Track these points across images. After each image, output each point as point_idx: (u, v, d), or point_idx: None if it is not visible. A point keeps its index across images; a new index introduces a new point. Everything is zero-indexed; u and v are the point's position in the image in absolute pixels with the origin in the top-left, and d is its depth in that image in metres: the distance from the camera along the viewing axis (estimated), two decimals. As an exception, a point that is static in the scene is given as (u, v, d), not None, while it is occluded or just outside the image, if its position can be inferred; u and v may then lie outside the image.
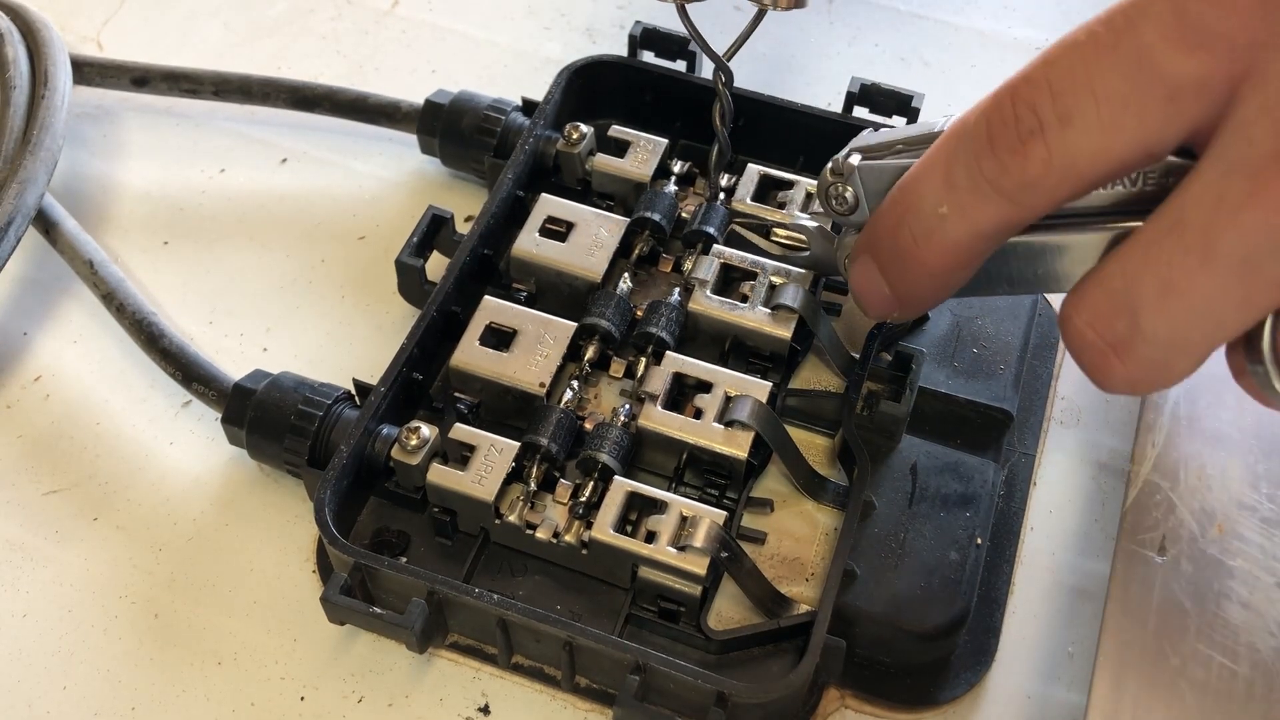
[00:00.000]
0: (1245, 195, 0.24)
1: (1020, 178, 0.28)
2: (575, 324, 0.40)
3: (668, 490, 0.38)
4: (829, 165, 0.36)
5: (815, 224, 0.39)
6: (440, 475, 0.37)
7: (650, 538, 0.36)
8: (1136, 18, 0.25)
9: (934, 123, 0.33)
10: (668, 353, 0.40)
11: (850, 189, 0.35)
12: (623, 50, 0.48)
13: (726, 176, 0.44)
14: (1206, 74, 0.25)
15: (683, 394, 0.39)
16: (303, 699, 0.37)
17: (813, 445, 0.41)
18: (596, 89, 0.47)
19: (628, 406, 0.39)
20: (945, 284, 0.32)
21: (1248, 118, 0.24)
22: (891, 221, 0.32)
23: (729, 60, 0.41)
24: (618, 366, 0.41)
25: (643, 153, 0.44)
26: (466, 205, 0.46)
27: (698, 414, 0.38)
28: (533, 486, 0.37)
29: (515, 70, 0.52)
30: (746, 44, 0.41)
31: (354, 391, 0.40)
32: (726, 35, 0.41)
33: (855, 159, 0.35)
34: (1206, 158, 0.25)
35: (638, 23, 0.47)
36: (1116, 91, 0.26)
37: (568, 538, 0.37)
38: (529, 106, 0.46)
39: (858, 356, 0.40)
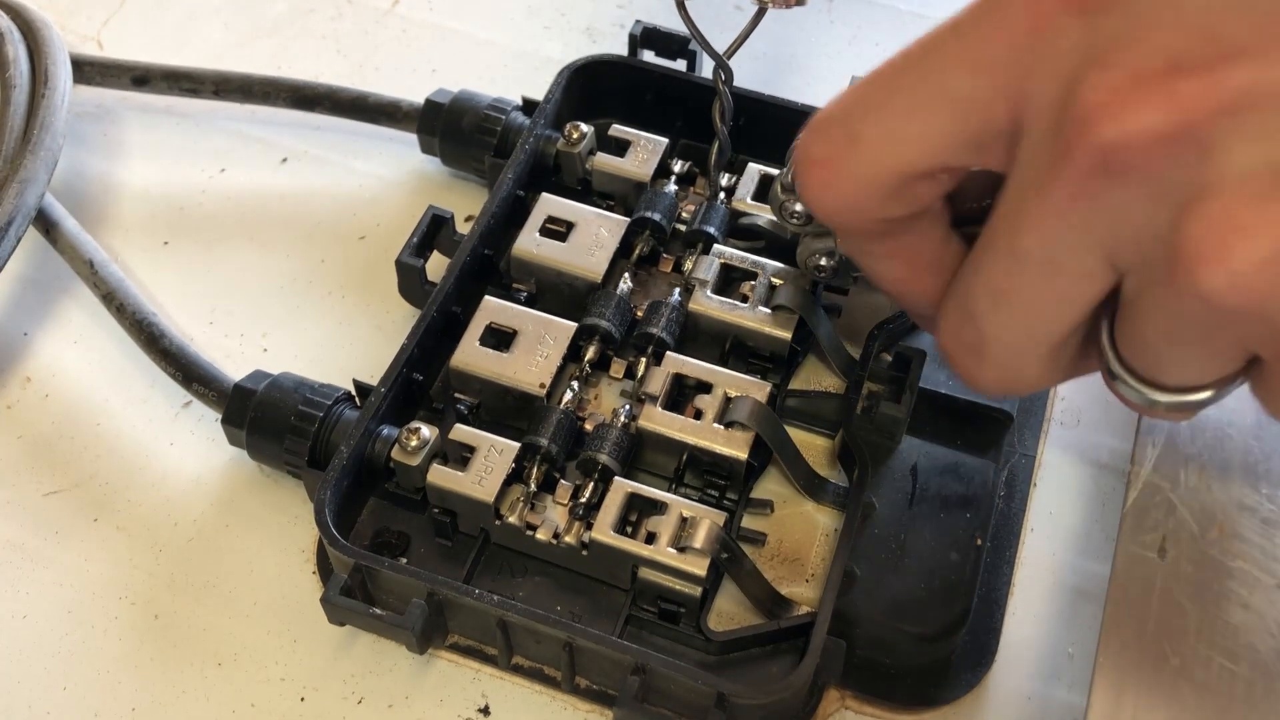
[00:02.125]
0: (1035, 204, 0.27)
1: (819, 205, 0.30)
2: (575, 324, 0.40)
3: (668, 491, 0.38)
4: (777, 183, 0.37)
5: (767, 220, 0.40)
6: (440, 476, 0.37)
7: (650, 539, 0.36)
8: (932, 46, 0.28)
9: None
10: (668, 353, 0.40)
11: (800, 203, 0.36)
12: (623, 50, 0.48)
13: (727, 176, 0.44)
14: (988, 94, 0.27)
15: (683, 394, 0.39)
16: (303, 700, 0.37)
17: (813, 446, 0.40)
18: (597, 88, 0.47)
19: (628, 407, 0.39)
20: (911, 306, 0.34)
21: (1035, 140, 0.27)
22: None
23: (729, 58, 0.41)
24: (618, 367, 0.41)
25: (643, 152, 0.44)
26: (467, 205, 0.46)
27: (698, 414, 0.38)
28: (533, 487, 0.37)
29: (515, 70, 0.52)
30: (747, 43, 0.41)
31: (354, 392, 0.40)
32: (727, 34, 0.41)
33: None
34: (1008, 177, 0.28)
35: (638, 22, 0.47)
36: (903, 106, 0.28)
37: (568, 539, 0.37)
38: (529, 106, 0.46)
39: (858, 357, 0.40)
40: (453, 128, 0.46)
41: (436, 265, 0.42)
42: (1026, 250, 0.27)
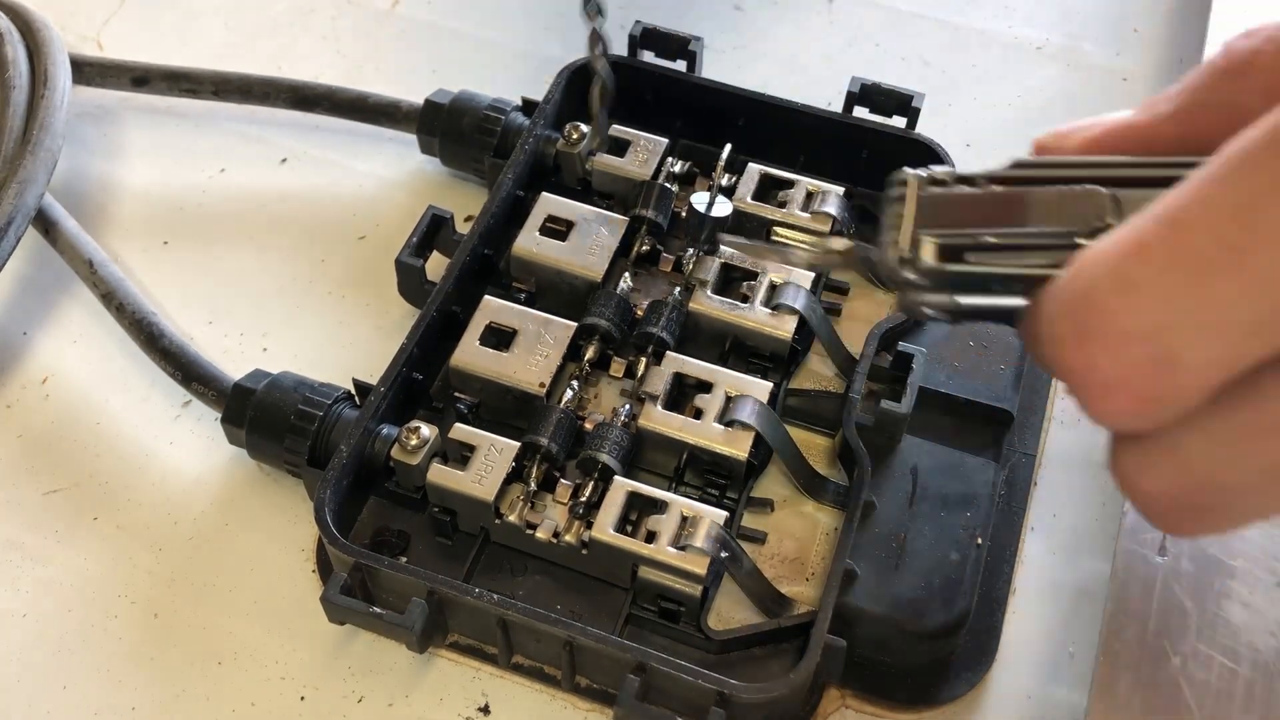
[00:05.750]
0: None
1: (1117, 426, 0.26)
2: (575, 324, 0.40)
3: (668, 490, 0.38)
4: (889, 251, 0.28)
5: (844, 243, 0.36)
6: (440, 475, 0.37)
7: (650, 538, 0.36)
8: (1263, 229, 0.22)
9: (1024, 193, 0.27)
10: (668, 352, 0.40)
11: (915, 274, 0.28)
12: (623, 50, 0.48)
13: (727, 176, 0.44)
14: None
15: (683, 394, 0.39)
16: (303, 699, 0.37)
17: (813, 445, 0.40)
18: (597, 89, 0.47)
19: (628, 406, 0.39)
20: None
21: None
22: None
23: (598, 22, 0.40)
24: (618, 366, 0.41)
25: (643, 152, 0.44)
26: (466, 205, 0.46)
27: (698, 414, 0.38)
28: (533, 486, 0.37)
29: (515, 70, 0.52)
30: (747, 43, 0.41)
31: (354, 391, 0.40)
32: (727, 34, 0.41)
33: (929, 251, 0.27)
34: None
35: (638, 22, 0.47)
36: (1242, 322, 0.23)
37: (568, 538, 0.37)
38: (529, 106, 0.46)
39: (858, 356, 0.40)
40: (452, 128, 0.46)
41: (436, 265, 0.42)
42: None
